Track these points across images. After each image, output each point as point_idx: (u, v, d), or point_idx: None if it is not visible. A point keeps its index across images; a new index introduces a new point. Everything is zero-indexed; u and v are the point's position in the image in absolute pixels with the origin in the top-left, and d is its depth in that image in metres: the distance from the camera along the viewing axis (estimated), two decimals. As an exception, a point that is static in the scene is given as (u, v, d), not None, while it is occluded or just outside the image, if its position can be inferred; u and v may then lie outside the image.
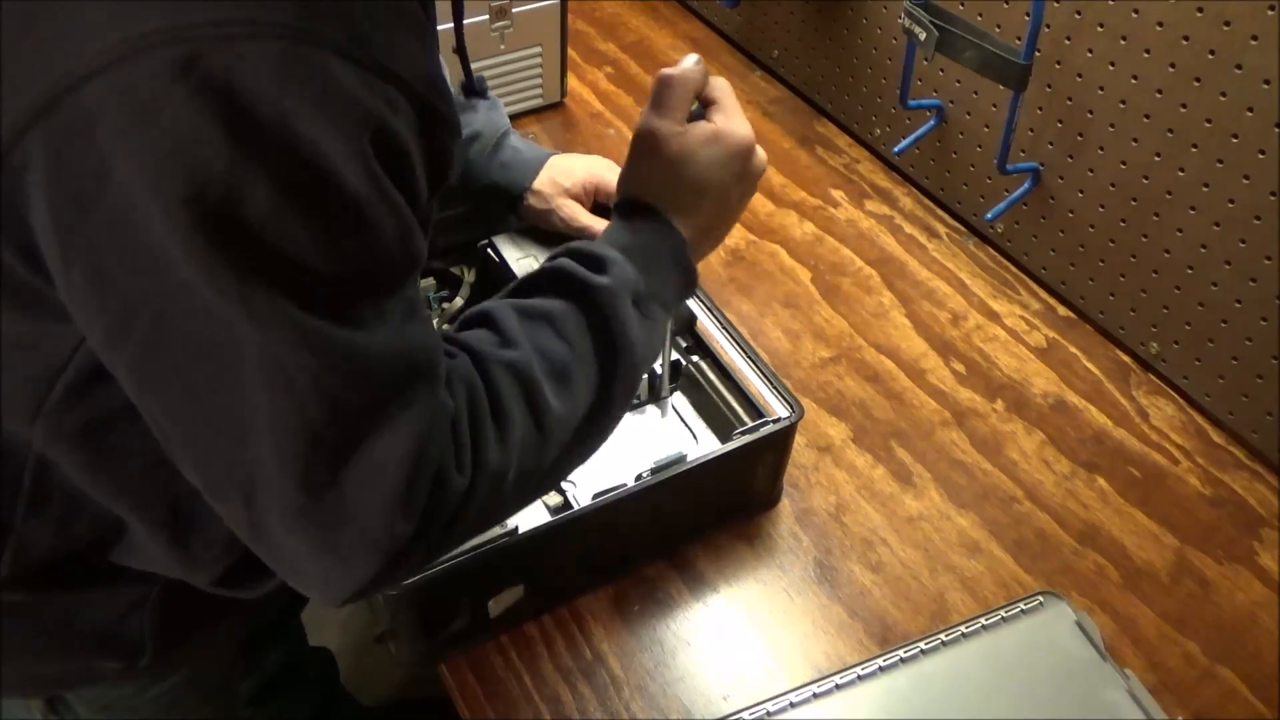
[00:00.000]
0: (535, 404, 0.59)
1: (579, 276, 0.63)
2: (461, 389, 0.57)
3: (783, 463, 0.89)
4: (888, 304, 1.09)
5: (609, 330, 0.63)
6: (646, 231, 0.67)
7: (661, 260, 0.67)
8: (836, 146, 1.30)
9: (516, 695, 0.77)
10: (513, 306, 0.63)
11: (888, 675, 0.76)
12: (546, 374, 0.60)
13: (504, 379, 0.59)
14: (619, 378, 0.64)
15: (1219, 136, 0.88)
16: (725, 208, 0.70)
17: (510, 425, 0.58)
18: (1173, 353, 1.00)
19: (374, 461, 0.51)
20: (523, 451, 0.59)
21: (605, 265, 0.64)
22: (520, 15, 1.21)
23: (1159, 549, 0.88)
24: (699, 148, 0.67)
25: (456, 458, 0.56)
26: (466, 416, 0.57)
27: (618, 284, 0.63)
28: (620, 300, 0.63)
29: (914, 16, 1.04)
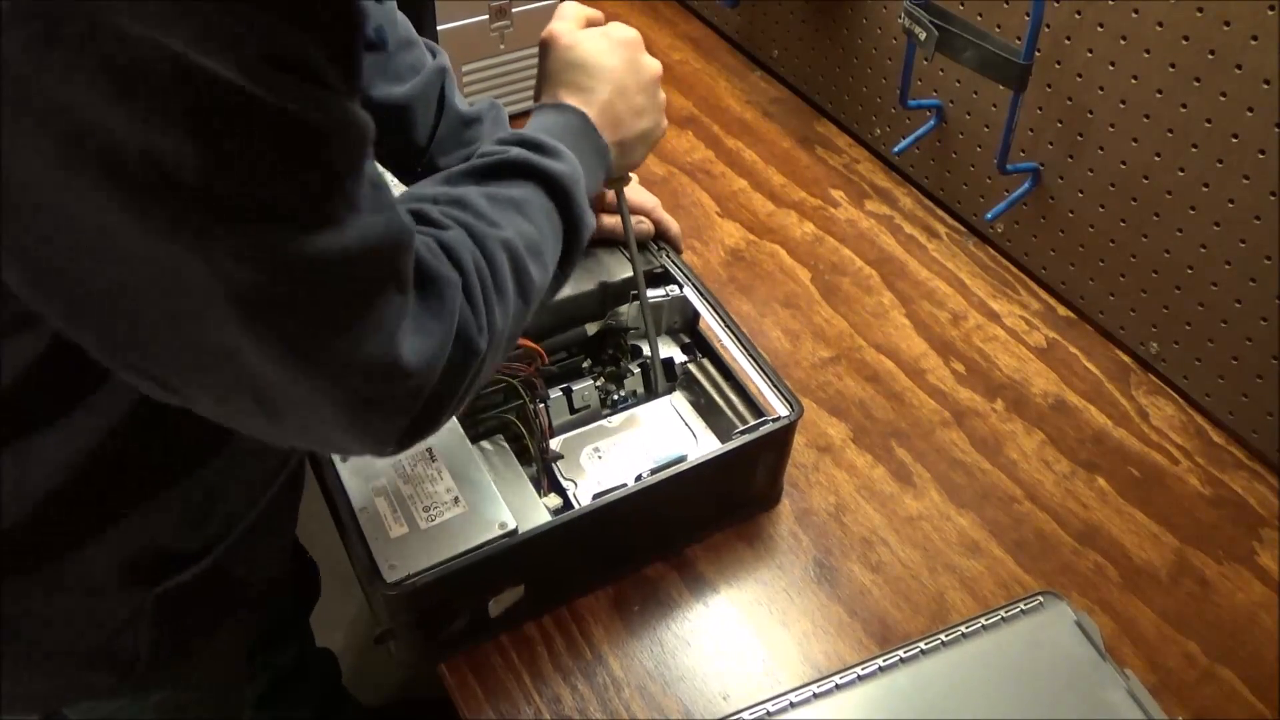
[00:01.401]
0: (523, 278, 0.64)
1: (538, 165, 0.68)
2: (469, 259, 0.60)
3: (783, 463, 0.89)
4: (888, 304, 1.09)
5: (570, 213, 0.69)
6: (570, 124, 0.74)
7: (587, 148, 0.74)
8: (836, 146, 1.30)
9: (516, 695, 0.77)
10: (480, 193, 0.66)
11: (888, 675, 0.76)
12: (525, 249, 0.64)
13: (499, 255, 0.62)
14: (575, 252, 0.71)
15: (1219, 136, 0.88)
16: (622, 94, 0.77)
17: (508, 295, 0.62)
18: (1173, 353, 1.00)
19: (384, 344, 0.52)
20: (515, 319, 0.64)
21: (558, 155, 0.70)
22: (520, 15, 1.21)
23: (1159, 549, 0.88)
24: (584, 36, 0.78)
25: (477, 323, 0.59)
26: (478, 285, 0.60)
27: (574, 173, 0.70)
28: (575, 188, 0.69)
29: (914, 16, 1.04)
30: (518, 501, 0.81)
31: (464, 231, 0.62)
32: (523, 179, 0.68)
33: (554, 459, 0.87)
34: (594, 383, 0.93)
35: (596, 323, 0.93)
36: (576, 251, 0.71)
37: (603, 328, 0.93)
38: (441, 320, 0.56)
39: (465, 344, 0.58)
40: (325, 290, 0.50)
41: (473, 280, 0.60)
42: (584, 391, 0.92)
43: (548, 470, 0.86)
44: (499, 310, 0.61)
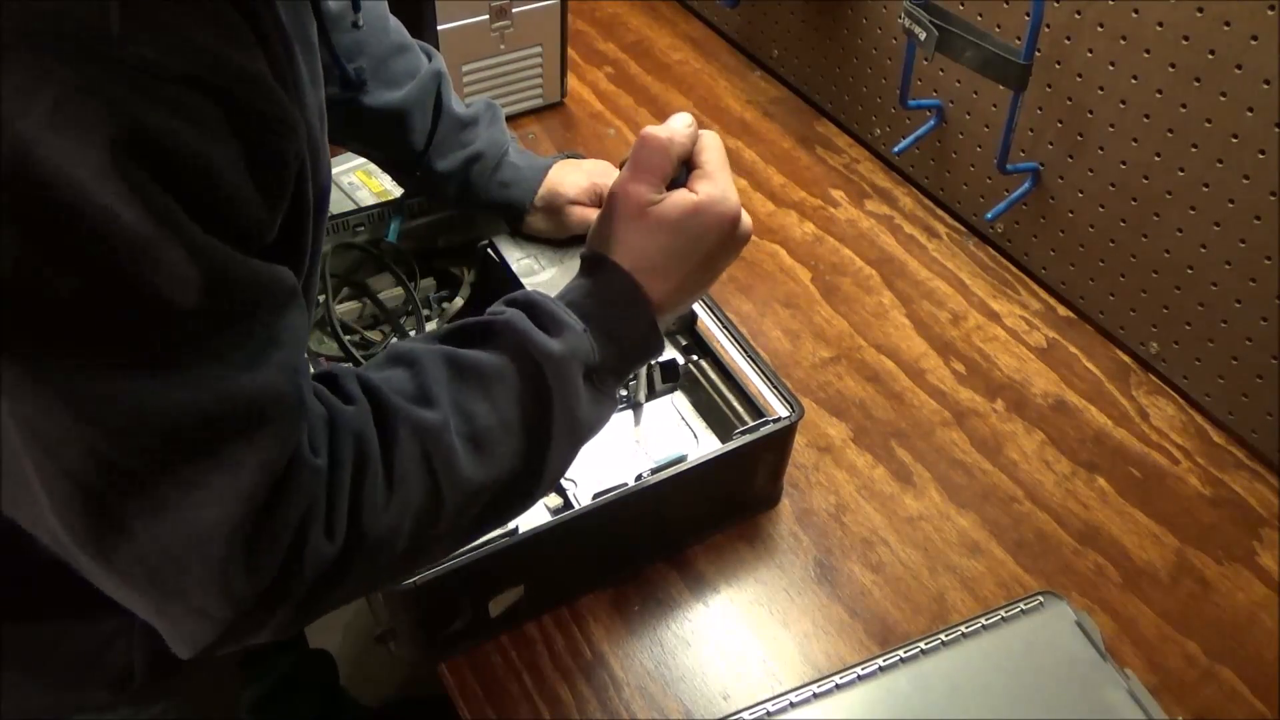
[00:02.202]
0: (442, 471, 0.54)
1: (529, 337, 0.58)
2: (349, 445, 0.52)
3: (783, 463, 0.89)
4: (888, 304, 1.09)
5: (547, 402, 0.58)
6: (612, 293, 0.62)
7: (625, 328, 0.62)
8: (836, 146, 1.30)
9: (516, 695, 0.77)
10: (445, 357, 0.57)
11: (888, 675, 0.76)
12: (464, 438, 0.55)
13: (408, 440, 0.54)
14: (551, 451, 0.59)
15: (1219, 136, 0.88)
16: (702, 277, 0.65)
17: (404, 494, 0.53)
18: (1173, 353, 1.00)
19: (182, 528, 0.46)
20: (419, 518, 0.54)
21: (561, 328, 0.59)
22: (520, 15, 1.21)
23: (1159, 549, 0.88)
24: (679, 219, 0.62)
25: (327, 521, 0.50)
26: (348, 477, 0.51)
27: (568, 353, 0.59)
28: (568, 372, 0.58)
29: (914, 16, 1.04)
30: (518, 501, 0.81)
31: (367, 410, 0.54)
32: (501, 349, 0.58)
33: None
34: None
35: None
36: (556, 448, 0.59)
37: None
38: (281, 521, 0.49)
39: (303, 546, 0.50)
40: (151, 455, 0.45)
41: (342, 472, 0.51)
42: (584, 391, 0.92)
43: (548, 470, 0.86)
44: (379, 508, 0.52)
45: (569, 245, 0.95)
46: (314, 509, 0.50)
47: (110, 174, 0.41)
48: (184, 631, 0.50)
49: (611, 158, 1.09)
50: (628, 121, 1.32)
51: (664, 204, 0.62)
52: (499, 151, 0.93)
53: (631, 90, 1.37)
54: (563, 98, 1.33)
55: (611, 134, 1.30)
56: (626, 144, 1.28)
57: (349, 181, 1.10)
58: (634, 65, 1.42)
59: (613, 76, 1.40)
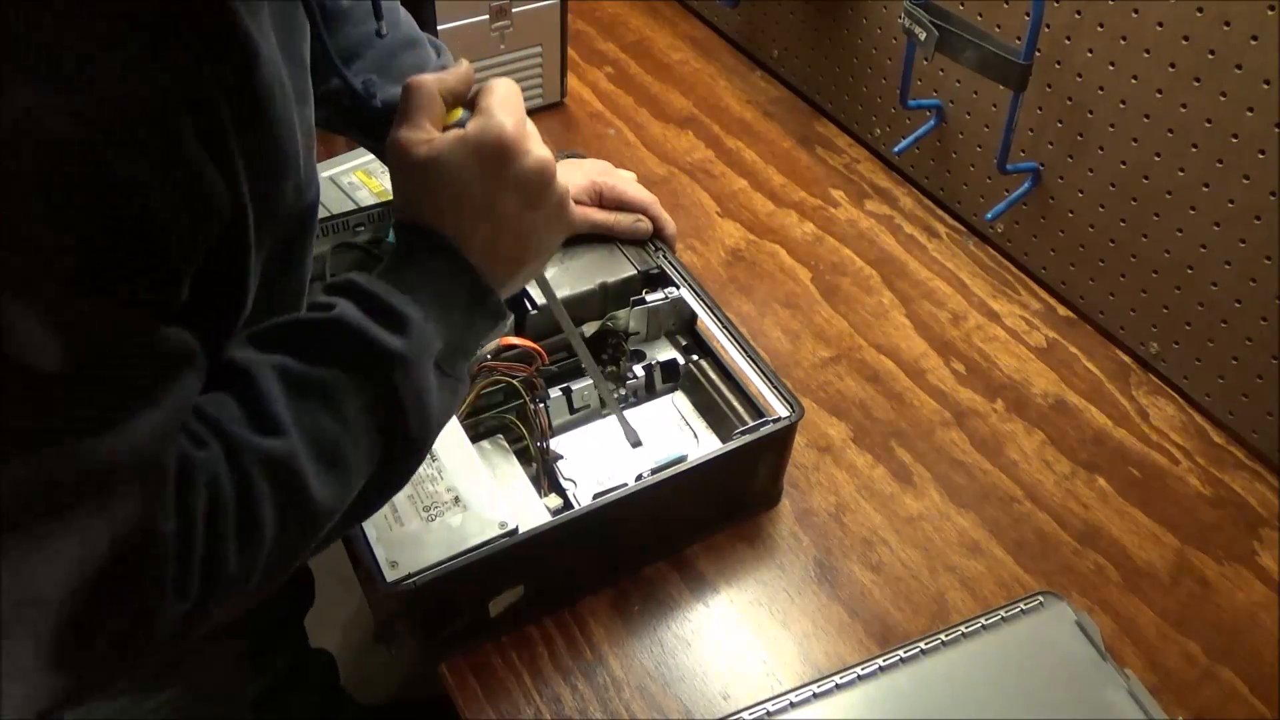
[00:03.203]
0: (295, 502, 0.52)
1: (369, 337, 0.54)
2: (201, 497, 0.49)
3: (783, 463, 0.89)
4: (888, 304, 1.09)
5: (399, 406, 0.55)
6: (438, 269, 0.59)
7: (460, 302, 0.59)
8: (836, 146, 1.30)
9: (516, 695, 0.77)
10: (280, 373, 0.53)
11: (888, 675, 0.76)
12: (314, 459, 0.52)
13: (260, 480, 0.51)
14: (404, 453, 0.57)
15: (1219, 136, 0.88)
16: (502, 222, 0.60)
17: (259, 535, 0.51)
18: (1173, 353, 1.00)
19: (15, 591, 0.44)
20: (271, 554, 0.52)
21: (403, 324, 0.55)
22: (520, 15, 1.21)
23: (1159, 549, 0.88)
24: (444, 154, 0.58)
25: (179, 582, 0.48)
26: (200, 534, 0.49)
27: (416, 349, 0.56)
28: (418, 369, 0.56)
29: (914, 16, 1.04)
30: (518, 501, 0.81)
31: (219, 448, 0.50)
32: (340, 354, 0.54)
33: (554, 459, 0.87)
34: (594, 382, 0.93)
35: (595, 323, 0.93)
36: (409, 452, 0.57)
37: (601, 328, 0.93)
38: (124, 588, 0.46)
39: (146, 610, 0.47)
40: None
41: (194, 528, 0.48)
42: (584, 391, 0.92)
43: (548, 470, 0.86)
44: (233, 557, 0.50)
45: (569, 245, 0.95)
46: (163, 576, 0.47)
47: None
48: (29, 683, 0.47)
49: (611, 158, 1.09)
50: (628, 121, 1.32)
51: (431, 144, 0.59)
52: None
53: (631, 90, 1.37)
54: (563, 98, 1.33)
55: (611, 134, 1.30)
56: (627, 144, 1.29)
57: (349, 181, 1.10)
58: (634, 65, 1.42)
59: (613, 76, 1.40)
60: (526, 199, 0.60)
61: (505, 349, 0.87)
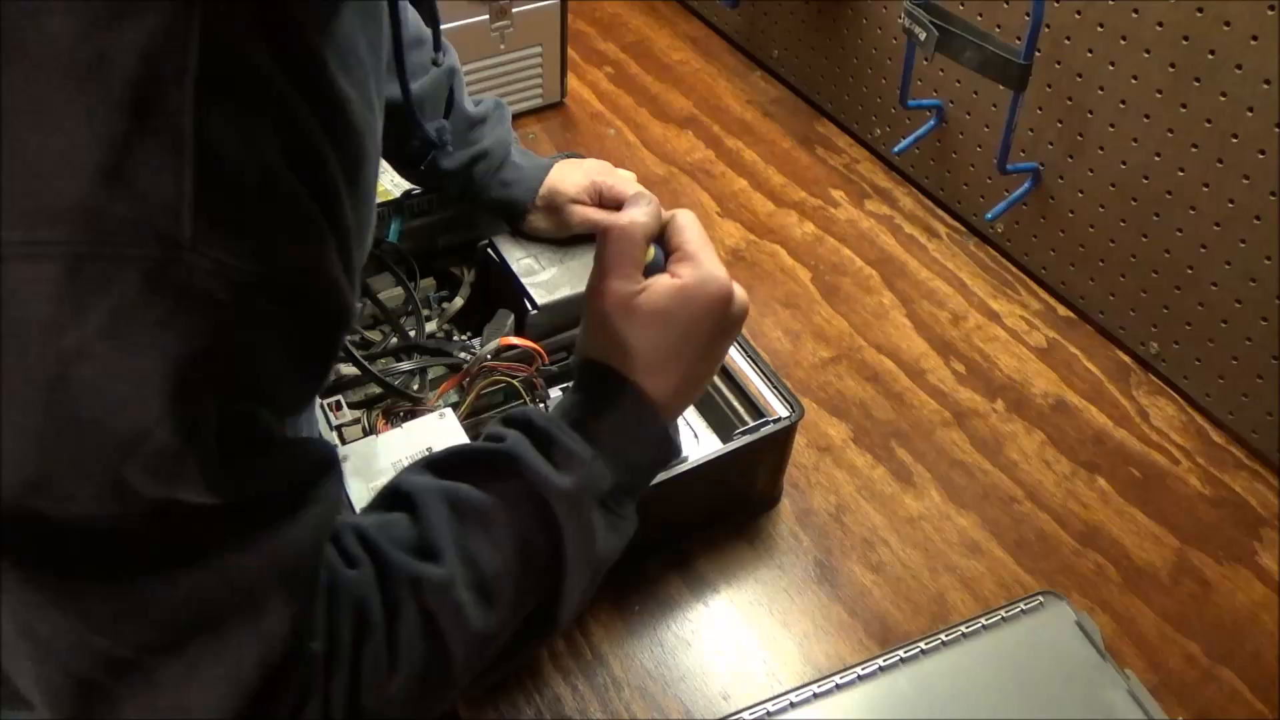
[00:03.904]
0: (449, 631, 0.51)
1: (536, 474, 0.54)
2: (348, 618, 0.49)
3: (783, 463, 0.89)
4: (888, 304, 1.09)
5: (558, 541, 0.54)
6: (618, 411, 0.58)
7: (635, 444, 0.58)
8: (836, 146, 1.30)
9: (516, 695, 0.77)
10: (446, 497, 0.53)
11: (888, 675, 0.76)
12: (471, 588, 0.52)
13: (412, 604, 0.50)
14: (566, 587, 0.55)
15: (1219, 136, 0.88)
16: (703, 367, 0.60)
17: (409, 659, 0.50)
18: (1173, 353, 1.00)
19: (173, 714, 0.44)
20: (424, 683, 0.51)
21: (570, 460, 0.55)
22: (520, 15, 1.21)
23: (1159, 549, 0.88)
24: (667, 307, 0.58)
25: (323, 708, 0.48)
26: (347, 657, 0.48)
27: (580, 488, 0.55)
28: (582, 508, 0.55)
29: (914, 16, 1.04)
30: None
31: (371, 572, 0.50)
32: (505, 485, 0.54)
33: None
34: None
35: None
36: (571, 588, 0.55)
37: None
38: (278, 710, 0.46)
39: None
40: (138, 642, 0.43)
41: (340, 652, 0.48)
42: (584, 391, 0.92)
43: (548, 470, 0.86)
44: (376, 684, 0.49)
45: (569, 245, 0.95)
46: (309, 697, 0.47)
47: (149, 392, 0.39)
48: None
49: (611, 158, 1.09)
50: (628, 121, 1.32)
51: (647, 294, 0.58)
52: (504, 151, 0.93)
53: (631, 90, 1.37)
54: (563, 98, 1.33)
55: (611, 134, 1.30)
56: (627, 144, 1.29)
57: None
58: (634, 65, 1.42)
59: (613, 76, 1.40)
60: (728, 341, 0.62)
61: (505, 349, 0.87)
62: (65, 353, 0.37)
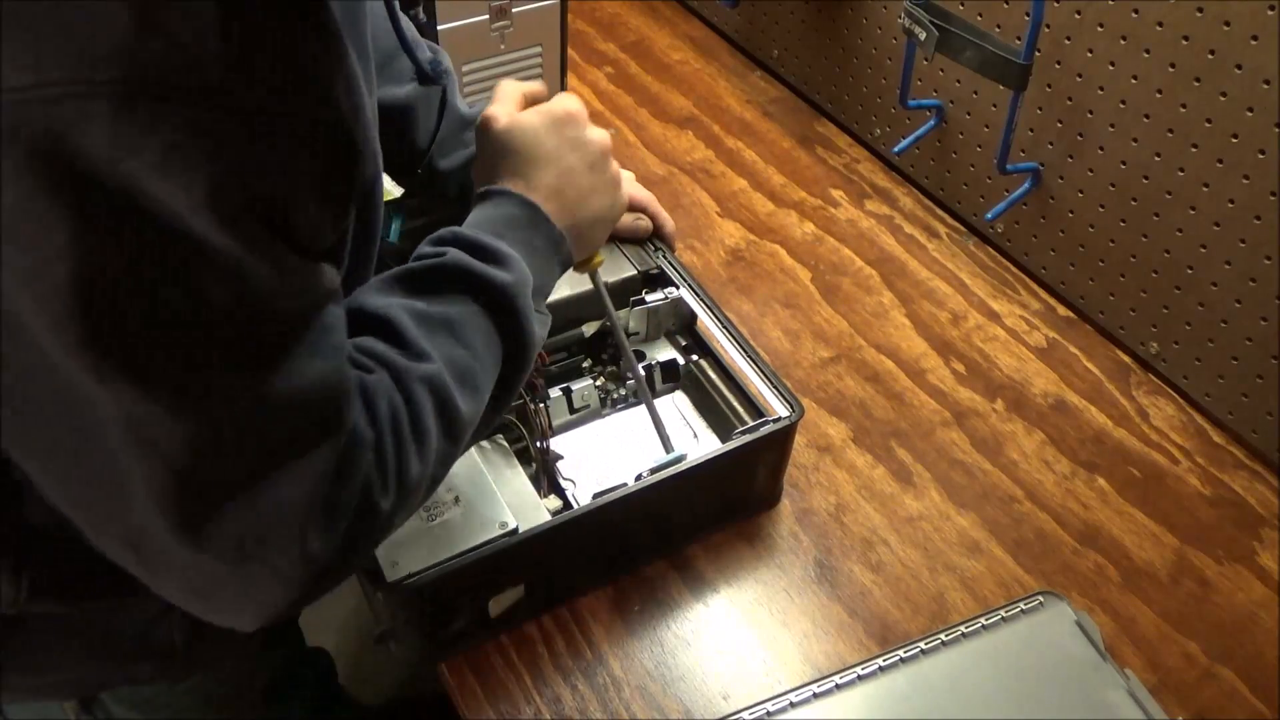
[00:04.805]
0: (449, 416, 0.60)
1: (480, 274, 0.64)
2: (385, 409, 0.57)
3: (783, 463, 0.89)
4: (888, 304, 1.09)
5: (513, 329, 0.65)
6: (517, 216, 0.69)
7: (540, 245, 0.69)
8: (836, 146, 1.30)
9: (516, 695, 0.77)
10: (409, 312, 0.62)
11: (888, 675, 0.76)
12: (457, 382, 0.61)
13: (422, 395, 0.59)
14: (519, 372, 0.67)
15: (1219, 136, 0.88)
16: (566, 175, 0.72)
17: (429, 440, 0.59)
18: (1173, 353, 1.00)
19: (271, 507, 0.51)
20: (438, 462, 0.60)
21: (503, 260, 0.65)
22: (520, 15, 1.21)
23: (1159, 549, 0.88)
24: (522, 119, 0.72)
25: (383, 482, 0.56)
26: (391, 440, 0.57)
27: (519, 282, 0.65)
28: (520, 298, 0.65)
29: (914, 16, 1.04)
30: (518, 501, 0.81)
31: (386, 373, 0.59)
32: (459, 292, 0.64)
33: (554, 459, 0.87)
34: (594, 382, 0.93)
35: (594, 323, 0.93)
36: (521, 371, 0.67)
37: (601, 328, 0.93)
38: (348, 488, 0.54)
39: (367, 509, 0.55)
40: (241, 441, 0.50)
41: (385, 437, 0.57)
42: (584, 391, 0.92)
43: (548, 470, 0.86)
44: (415, 461, 0.59)
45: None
46: (370, 475, 0.55)
47: (206, 210, 0.45)
48: (258, 597, 0.54)
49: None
50: (628, 121, 1.32)
51: (512, 115, 0.72)
52: None
53: (631, 90, 1.37)
54: (563, 98, 1.33)
55: (612, 134, 1.30)
56: (627, 144, 1.29)
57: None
58: (634, 65, 1.42)
59: (613, 76, 1.40)
60: (588, 160, 0.73)
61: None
62: (129, 181, 0.43)
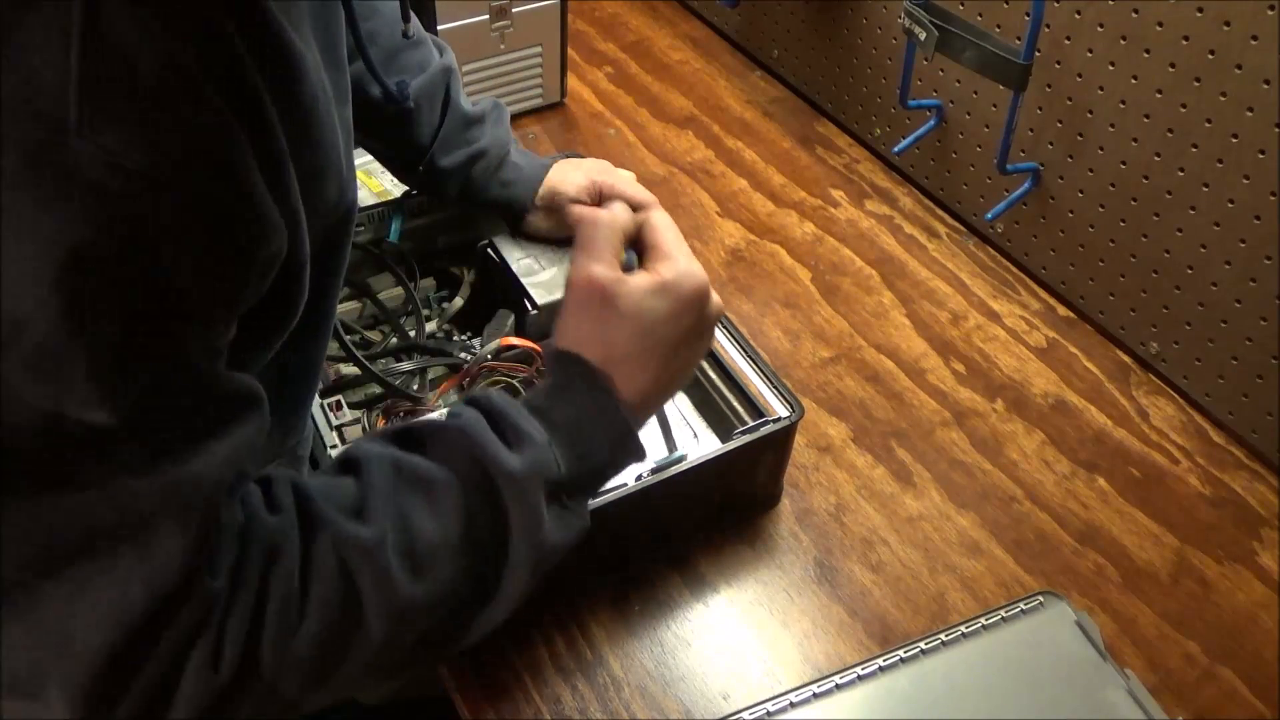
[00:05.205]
0: (368, 592, 0.50)
1: (484, 448, 0.54)
2: (256, 562, 0.48)
3: (783, 463, 0.89)
4: (888, 304, 1.09)
5: (502, 522, 0.54)
6: (583, 402, 0.58)
7: (594, 435, 0.58)
8: (836, 146, 1.30)
9: (516, 695, 0.77)
10: (392, 462, 0.54)
11: (888, 675, 0.76)
12: (400, 554, 0.51)
13: (328, 561, 0.49)
14: (507, 573, 0.55)
15: (1219, 136, 0.88)
16: (678, 367, 0.61)
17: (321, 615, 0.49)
18: (1173, 353, 1.00)
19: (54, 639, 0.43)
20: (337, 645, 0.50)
21: (521, 440, 0.55)
22: (520, 15, 1.21)
23: (1159, 549, 0.88)
24: (645, 300, 0.58)
25: (213, 650, 0.46)
26: (249, 601, 0.47)
27: (528, 470, 0.54)
28: (530, 491, 0.54)
29: (914, 16, 1.04)
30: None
31: (293, 521, 0.50)
32: (456, 460, 0.54)
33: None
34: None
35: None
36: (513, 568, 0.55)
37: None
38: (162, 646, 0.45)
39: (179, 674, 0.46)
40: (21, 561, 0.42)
41: (243, 596, 0.47)
42: (584, 391, 0.92)
43: (548, 470, 0.86)
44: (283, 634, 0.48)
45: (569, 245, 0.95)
46: (198, 638, 0.46)
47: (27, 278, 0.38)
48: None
49: (611, 158, 1.09)
50: (628, 121, 1.32)
51: (628, 285, 0.58)
52: (502, 150, 0.93)
53: (631, 90, 1.37)
54: (563, 98, 1.33)
55: (612, 134, 1.30)
56: (627, 144, 1.29)
57: (349, 181, 1.10)
58: (634, 65, 1.42)
59: (613, 76, 1.40)
60: (703, 343, 0.63)
61: (505, 349, 0.87)
62: None
